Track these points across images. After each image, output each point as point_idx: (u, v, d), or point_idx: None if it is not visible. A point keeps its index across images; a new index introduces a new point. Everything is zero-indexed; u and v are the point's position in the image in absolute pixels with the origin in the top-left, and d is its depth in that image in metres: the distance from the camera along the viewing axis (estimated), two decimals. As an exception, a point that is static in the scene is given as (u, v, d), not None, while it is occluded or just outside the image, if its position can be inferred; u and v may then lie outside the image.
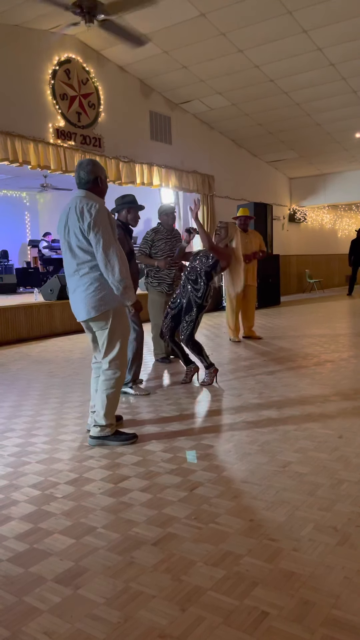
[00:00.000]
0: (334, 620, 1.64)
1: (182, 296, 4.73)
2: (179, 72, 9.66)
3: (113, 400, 3.30)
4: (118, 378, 3.28)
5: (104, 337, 3.23)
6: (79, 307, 3.22)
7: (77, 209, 3.09)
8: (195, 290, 4.63)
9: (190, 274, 4.70)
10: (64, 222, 3.19)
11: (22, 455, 3.16)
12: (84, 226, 3.05)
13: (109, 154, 9.47)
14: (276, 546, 2.07)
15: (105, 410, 3.27)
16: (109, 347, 3.24)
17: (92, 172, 3.19)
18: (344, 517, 2.27)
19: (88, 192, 3.19)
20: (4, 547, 2.14)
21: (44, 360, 6.20)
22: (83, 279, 3.16)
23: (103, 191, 3.28)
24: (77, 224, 3.08)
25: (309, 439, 3.26)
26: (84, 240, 3.09)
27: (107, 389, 3.28)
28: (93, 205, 3.07)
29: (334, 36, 8.29)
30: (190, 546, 2.09)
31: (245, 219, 7.14)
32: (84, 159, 3.28)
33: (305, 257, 16.21)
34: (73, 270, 3.20)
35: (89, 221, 3.04)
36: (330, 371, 5.10)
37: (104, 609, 1.73)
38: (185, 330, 4.65)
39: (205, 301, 4.66)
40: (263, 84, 9.93)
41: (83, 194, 3.18)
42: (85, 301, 3.16)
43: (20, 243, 15.52)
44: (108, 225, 3.09)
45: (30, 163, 8.21)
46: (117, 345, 3.24)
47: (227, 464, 2.91)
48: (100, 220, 3.04)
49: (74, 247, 3.14)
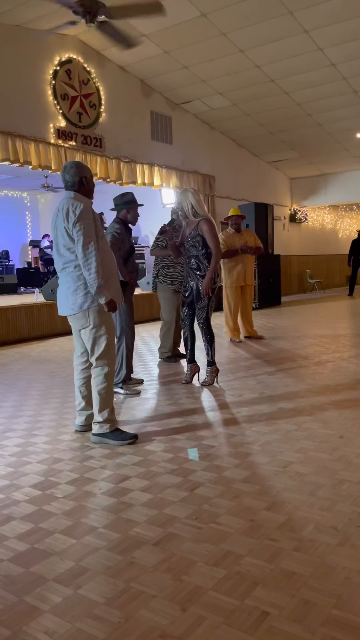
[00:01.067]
0: (335, 620, 1.64)
1: (191, 284, 4.74)
2: (180, 72, 9.66)
3: (106, 395, 3.35)
4: (107, 373, 3.34)
5: (88, 336, 3.30)
6: (63, 302, 3.35)
7: (63, 210, 3.20)
8: (201, 277, 4.64)
9: (191, 264, 4.70)
10: (54, 222, 3.32)
11: (22, 455, 3.16)
12: (69, 226, 3.16)
13: (109, 154, 9.48)
14: (277, 546, 2.06)
15: (100, 406, 3.32)
16: (95, 345, 3.30)
17: (76, 174, 3.28)
18: (344, 517, 2.27)
19: (76, 194, 3.28)
20: (5, 547, 2.14)
21: (45, 360, 6.21)
22: (67, 277, 3.28)
23: (90, 190, 3.37)
24: (63, 224, 3.18)
25: (310, 439, 3.26)
26: (69, 240, 3.19)
27: (98, 385, 3.33)
28: (78, 206, 3.17)
29: (335, 36, 8.29)
30: (190, 546, 2.09)
31: (237, 219, 7.11)
32: (68, 162, 3.39)
33: (306, 257, 16.21)
34: (60, 268, 3.33)
35: (73, 220, 3.14)
36: (330, 371, 5.10)
37: (105, 609, 1.73)
38: (200, 317, 4.71)
39: (214, 284, 4.67)
40: (264, 84, 9.93)
41: (71, 195, 3.28)
42: (68, 298, 3.28)
43: (21, 243, 15.52)
44: (91, 224, 3.17)
45: (31, 163, 8.21)
46: (103, 342, 3.30)
47: (227, 464, 2.91)
48: (82, 219, 3.14)
49: (61, 247, 3.26)
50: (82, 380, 3.57)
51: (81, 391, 3.57)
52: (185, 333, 4.87)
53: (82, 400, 3.57)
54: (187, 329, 4.86)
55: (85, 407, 3.57)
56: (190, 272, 4.74)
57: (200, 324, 4.72)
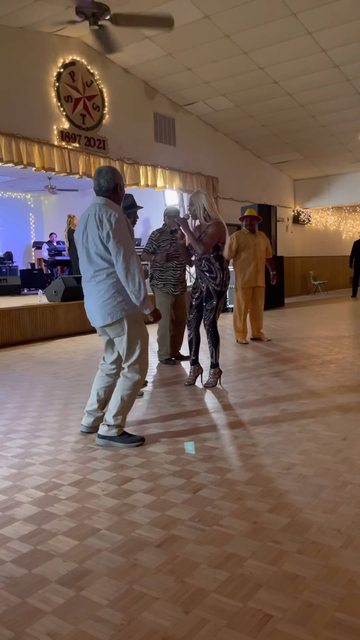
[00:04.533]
0: (338, 623, 1.63)
1: (201, 285, 4.74)
2: (183, 74, 9.67)
3: (128, 402, 3.31)
4: (137, 381, 3.29)
5: (123, 344, 3.24)
6: (95, 313, 3.25)
7: (96, 216, 3.10)
8: (212, 279, 4.64)
9: (202, 265, 4.70)
10: (83, 228, 3.21)
11: (25, 457, 3.16)
12: (103, 234, 3.08)
13: (113, 155, 9.49)
14: (280, 548, 2.06)
15: (117, 411, 3.27)
16: (129, 353, 3.25)
17: (112, 179, 3.20)
18: (348, 519, 2.27)
19: (108, 200, 3.19)
20: (8, 549, 2.14)
21: (48, 362, 6.21)
22: (99, 286, 3.19)
23: (121, 198, 3.31)
24: (97, 232, 3.10)
25: (313, 440, 3.25)
26: (102, 247, 3.11)
27: (123, 390, 3.28)
28: (112, 214, 3.08)
29: (338, 38, 8.29)
30: (193, 548, 2.08)
31: (252, 220, 7.04)
32: (104, 166, 3.29)
33: (309, 259, 16.19)
34: (90, 276, 3.22)
35: (108, 230, 3.06)
36: (334, 373, 5.09)
37: (108, 611, 1.73)
38: (207, 319, 4.71)
39: (224, 286, 4.67)
40: (267, 86, 9.94)
41: (102, 201, 3.18)
42: (101, 308, 3.19)
43: (24, 245, 15.56)
44: (128, 234, 3.12)
45: (34, 165, 8.23)
46: (137, 350, 3.24)
47: (230, 465, 2.91)
48: (120, 229, 3.07)
49: (92, 254, 3.16)
50: (103, 384, 3.50)
51: (99, 394, 3.51)
52: (190, 335, 4.87)
53: (96, 403, 3.52)
54: (193, 331, 4.85)
55: (96, 410, 3.53)
56: (200, 274, 4.73)
57: (207, 325, 4.72)
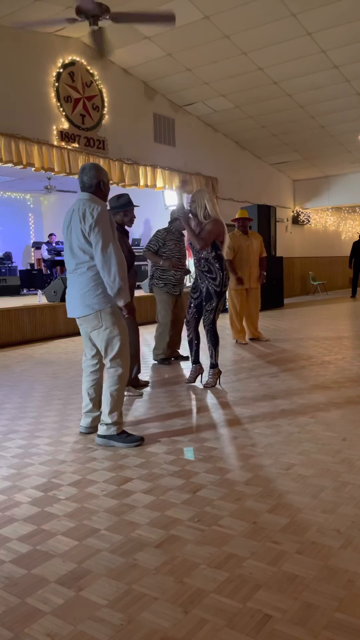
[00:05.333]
0: (338, 623, 1.63)
1: (201, 285, 4.73)
2: (183, 74, 9.68)
3: (117, 398, 3.32)
4: (121, 375, 3.32)
5: (101, 338, 3.28)
6: (74, 304, 3.33)
7: (79, 210, 3.19)
8: (212, 279, 4.64)
9: (201, 266, 4.69)
10: (67, 223, 3.30)
11: (25, 457, 3.16)
12: (86, 227, 3.15)
13: (112, 156, 9.49)
14: (279, 549, 2.06)
15: (110, 408, 3.30)
16: (109, 347, 3.29)
17: (95, 176, 3.29)
18: (347, 520, 2.27)
19: (91, 195, 3.29)
20: (7, 549, 2.14)
21: (47, 362, 6.21)
22: (80, 278, 3.26)
23: (106, 194, 3.40)
24: (79, 225, 3.18)
25: (313, 441, 3.25)
26: (85, 241, 3.18)
27: (110, 387, 3.31)
28: (95, 208, 3.17)
29: (338, 39, 8.29)
30: (193, 548, 2.08)
31: (244, 221, 7.09)
32: (87, 164, 3.37)
33: (308, 259, 16.20)
34: (72, 269, 3.31)
35: (90, 222, 3.13)
36: (333, 373, 5.09)
37: (107, 611, 1.73)
38: (207, 318, 4.71)
39: (224, 287, 4.67)
40: (267, 87, 9.94)
41: (87, 196, 3.28)
42: (80, 299, 3.26)
43: (24, 245, 15.55)
44: (109, 227, 3.18)
45: (34, 165, 8.23)
46: (116, 343, 3.28)
47: (230, 466, 2.91)
48: (101, 222, 3.14)
49: (74, 247, 3.24)
50: (91, 382, 3.54)
51: (89, 394, 3.55)
52: (189, 334, 4.87)
53: (90, 403, 3.55)
54: (192, 330, 4.85)
55: (92, 410, 3.55)
56: (200, 274, 4.72)
57: (206, 325, 4.72)
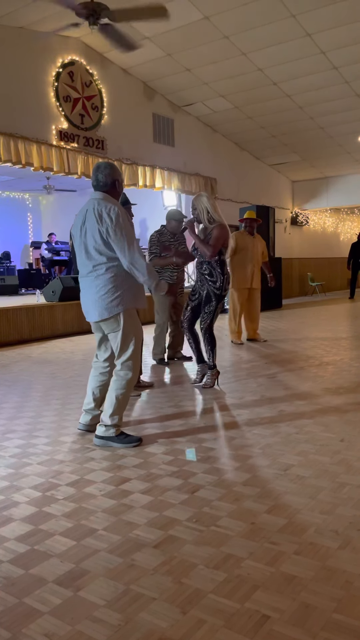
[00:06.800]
0: (336, 624, 1.64)
1: (201, 288, 4.73)
2: (183, 74, 9.68)
3: (122, 401, 3.30)
4: (130, 379, 3.29)
5: (117, 340, 3.24)
6: (91, 307, 3.26)
7: (95, 211, 3.12)
8: (212, 282, 4.64)
9: (203, 268, 4.69)
10: (81, 223, 3.22)
11: (23, 457, 3.15)
12: (103, 229, 3.09)
13: (111, 156, 9.49)
14: (277, 549, 2.06)
15: (113, 410, 3.27)
16: (122, 349, 3.25)
17: (110, 175, 3.23)
18: (345, 520, 2.27)
19: (106, 195, 3.22)
20: (5, 549, 2.13)
21: (46, 362, 6.21)
22: (97, 280, 3.19)
23: (119, 194, 3.34)
24: (96, 226, 3.11)
25: (311, 442, 3.26)
26: (102, 242, 3.12)
27: (117, 390, 3.28)
28: (112, 209, 3.10)
29: (337, 40, 8.31)
30: (191, 549, 2.08)
31: (252, 222, 7.02)
32: (102, 162, 3.32)
33: (307, 260, 16.21)
34: (87, 271, 3.23)
35: (108, 225, 3.07)
36: (332, 374, 5.09)
37: (105, 611, 1.73)
38: (205, 321, 4.70)
39: (224, 290, 4.67)
40: (266, 87, 9.95)
41: (101, 196, 3.20)
42: (98, 302, 3.19)
43: (22, 244, 15.54)
44: (129, 226, 3.16)
45: (33, 165, 8.23)
46: (130, 347, 3.25)
47: (228, 466, 2.91)
48: (122, 223, 3.10)
49: (90, 249, 3.17)
50: (98, 382, 3.50)
51: (94, 393, 3.51)
52: (187, 336, 4.86)
53: (92, 402, 3.52)
54: (187, 331, 4.85)
55: (93, 408, 3.53)
56: (201, 277, 4.72)
57: (203, 328, 4.71)
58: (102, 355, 3.48)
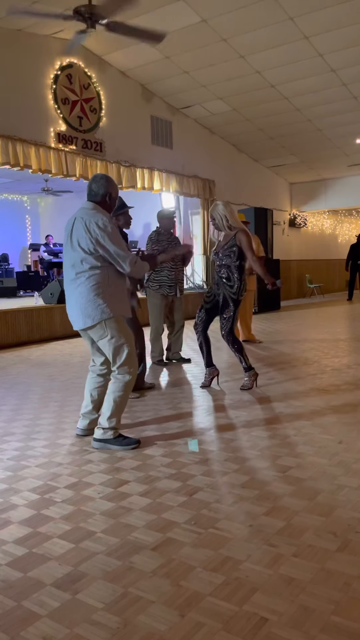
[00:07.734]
0: (334, 626, 1.63)
1: (217, 292, 4.73)
2: (181, 77, 9.69)
3: (120, 404, 3.30)
4: (128, 382, 3.28)
5: (108, 347, 3.24)
6: (75, 316, 3.26)
7: (83, 220, 3.14)
8: (229, 287, 4.63)
9: (221, 272, 4.69)
10: (69, 231, 3.23)
11: (21, 459, 3.15)
12: (91, 239, 3.11)
13: (110, 158, 9.50)
14: (276, 552, 2.06)
15: (111, 413, 3.27)
16: (116, 355, 3.24)
17: (103, 186, 3.25)
18: (343, 522, 2.27)
19: (96, 205, 3.24)
20: (3, 552, 2.13)
21: (44, 364, 6.20)
22: (80, 288, 3.19)
23: (111, 207, 3.35)
24: (84, 235, 3.12)
25: (309, 444, 3.26)
26: (87, 251, 3.14)
27: (115, 392, 3.28)
28: (100, 219, 3.12)
29: (335, 42, 8.32)
30: (189, 551, 2.08)
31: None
32: (99, 173, 3.36)
33: (305, 262, 16.22)
34: (71, 278, 3.24)
35: (98, 233, 3.09)
36: (330, 376, 5.10)
37: (103, 614, 1.73)
38: (225, 327, 4.65)
39: (241, 295, 4.66)
40: (264, 90, 9.97)
41: (91, 206, 3.23)
42: (82, 310, 3.20)
43: (20, 247, 15.53)
44: (119, 235, 3.17)
45: (31, 167, 8.22)
46: (123, 352, 3.24)
47: (226, 468, 2.91)
48: (112, 233, 3.11)
49: (75, 257, 3.19)
50: (96, 384, 3.51)
51: (92, 395, 3.51)
52: (199, 339, 4.84)
53: (90, 404, 3.52)
54: (200, 334, 4.82)
55: (91, 411, 3.52)
56: (219, 281, 4.70)
57: (225, 334, 4.65)
58: (98, 359, 3.48)
